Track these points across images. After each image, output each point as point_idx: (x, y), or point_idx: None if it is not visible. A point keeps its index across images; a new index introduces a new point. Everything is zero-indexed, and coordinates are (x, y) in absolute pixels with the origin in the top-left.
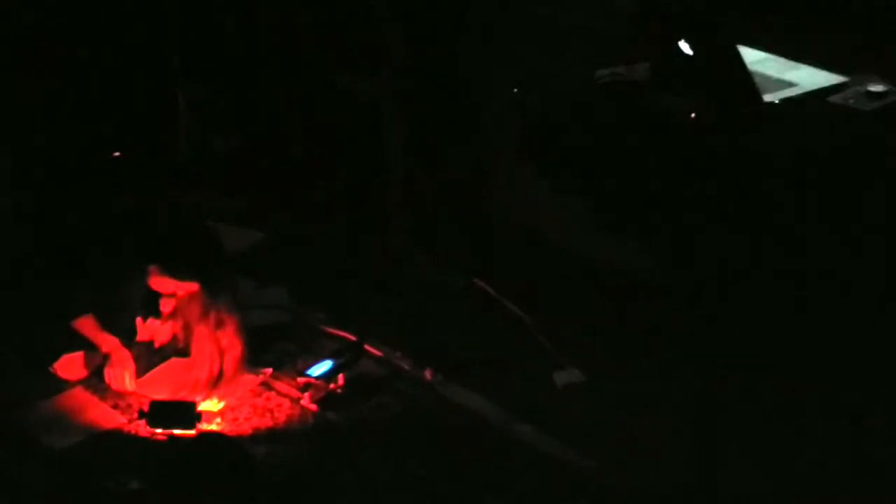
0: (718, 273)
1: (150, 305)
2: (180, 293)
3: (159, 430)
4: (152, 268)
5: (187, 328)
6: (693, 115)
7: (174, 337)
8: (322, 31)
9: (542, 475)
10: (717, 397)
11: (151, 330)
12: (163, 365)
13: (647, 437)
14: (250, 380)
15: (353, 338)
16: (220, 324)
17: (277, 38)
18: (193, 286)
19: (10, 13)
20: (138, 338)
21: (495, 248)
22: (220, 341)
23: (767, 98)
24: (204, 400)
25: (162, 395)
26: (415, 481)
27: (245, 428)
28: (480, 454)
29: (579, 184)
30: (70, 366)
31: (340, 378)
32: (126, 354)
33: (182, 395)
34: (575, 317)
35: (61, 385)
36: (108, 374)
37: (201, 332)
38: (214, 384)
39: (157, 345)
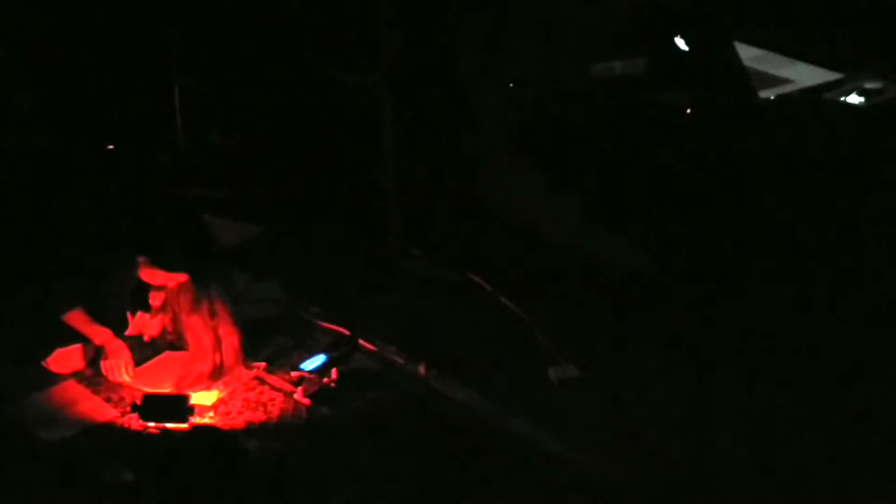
0: (714, 269)
1: (140, 299)
2: (170, 285)
3: (152, 424)
4: (142, 259)
5: (178, 320)
6: (689, 110)
7: (164, 331)
8: (319, 27)
9: (536, 470)
10: (713, 394)
11: (141, 324)
12: (158, 358)
13: (642, 433)
14: (244, 374)
15: (347, 332)
16: (214, 314)
17: (274, 34)
18: (183, 277)
19: (9, 10)
20: (128, 332)
21: (491, 244)
22: (217, 331)
23: (763, 94)
24: (206, 390)
25: (161, 388)
26: (408, 475)
27: (238, 422)
28: (474, 449)
29: (575, 179)
30: (63, 360)
31: (334, 372)
32: (121, 345)
33: (182, 388)
34: (570, 312)
35: (54, 378)
36: (105, 365)
37: (196, 322)
38: (216, 376)
39: (146, 338)
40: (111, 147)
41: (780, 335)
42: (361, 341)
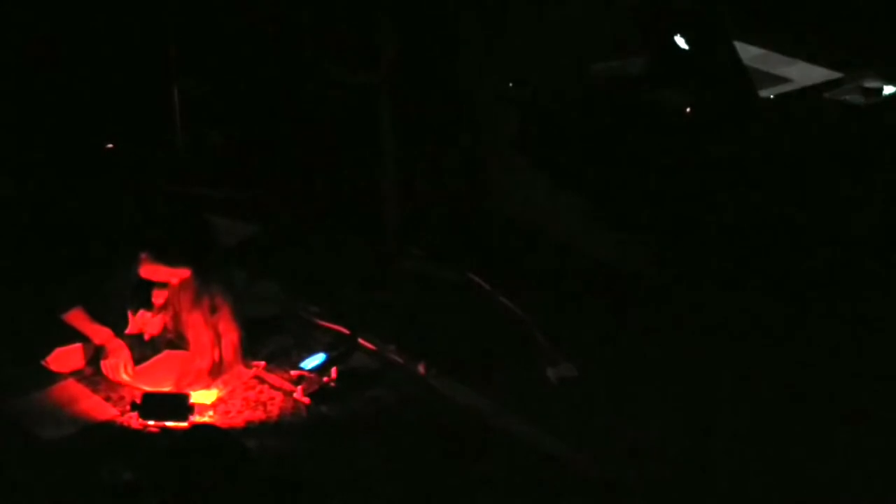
0: (714, 269)
1: (141, 297)
2: (173, 281)
3: (152, 423)
4: (143, 256)
5: (178, 317)
6: (689, 109)
7: (164, 329)
8: (318, 27)
9: (536, 469)
10: (713, 393)
11: (142, 322)
12: (158, 357)
13: (641, 432)
14: (244, 373)
15: (346, 331)
16: (214, 310)
17: (273, 34)
18: (185, 273)
19: (10, 9)
20: (128, 330)
21: (490, 243)
22: (217, 328)
23: (763, 94)
24: (205, 389)
25: (161, 387)
26: (407, 474)
27: (238, 420)
28: (473, 448)
29: (575, 178)
30: (63, 359)
31: (334, 371)
32: (120, 344)
33: (182, 386)
34: (570, 311)
35: (54, 377)
36: (105, 364)
37: (196, 319)
38: (216, 372)
39: (147, 337)
40: (111, 147)
41: (780, 335)
42: (361, 340)
